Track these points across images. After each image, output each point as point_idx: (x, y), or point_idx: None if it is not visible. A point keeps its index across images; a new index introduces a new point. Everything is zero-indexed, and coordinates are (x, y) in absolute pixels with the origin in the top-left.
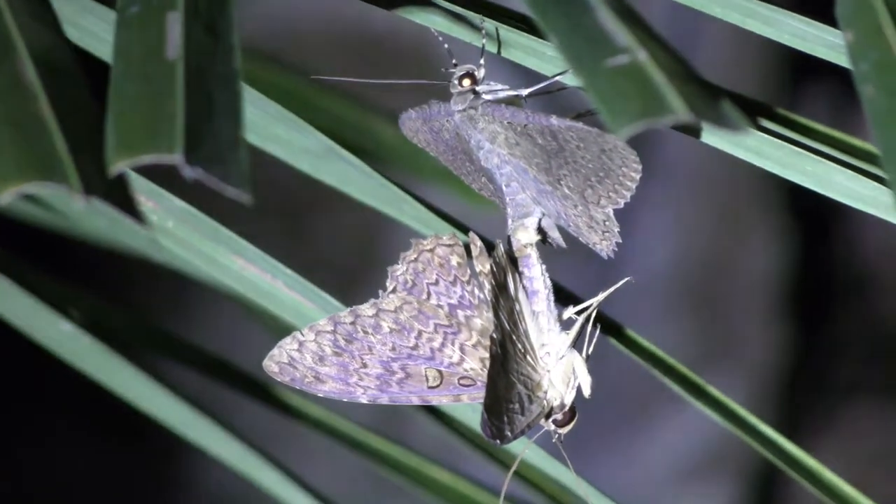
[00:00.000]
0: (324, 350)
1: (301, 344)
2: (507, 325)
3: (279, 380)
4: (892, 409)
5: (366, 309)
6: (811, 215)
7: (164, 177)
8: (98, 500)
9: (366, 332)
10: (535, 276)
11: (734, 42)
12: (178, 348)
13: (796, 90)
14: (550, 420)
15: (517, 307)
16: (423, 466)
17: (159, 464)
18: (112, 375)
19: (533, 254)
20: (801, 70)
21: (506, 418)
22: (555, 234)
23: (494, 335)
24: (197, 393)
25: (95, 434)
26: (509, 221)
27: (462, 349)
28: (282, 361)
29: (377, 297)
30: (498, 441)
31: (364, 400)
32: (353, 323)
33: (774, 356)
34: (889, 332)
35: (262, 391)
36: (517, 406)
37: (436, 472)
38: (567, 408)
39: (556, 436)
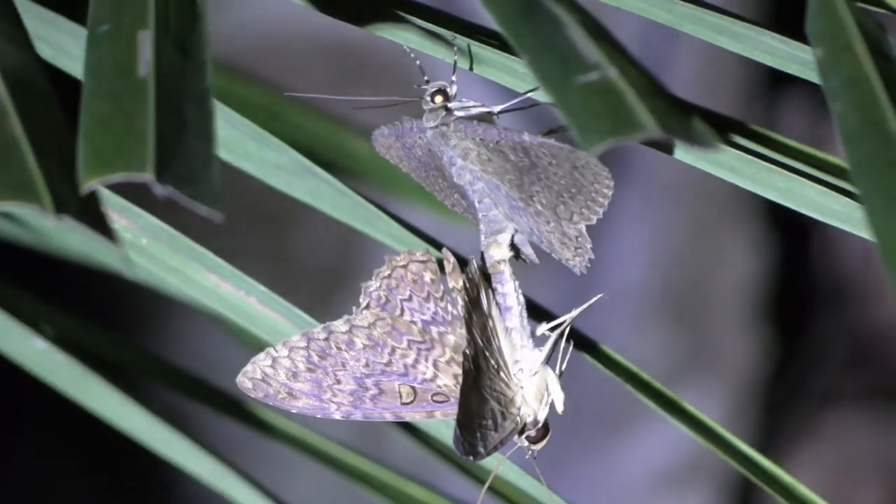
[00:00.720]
0: (297, 366)
1: (274, 360)
2: (480, 340)
3: (252, 396)
4: (870, 417)
5: (339, 325)
6: (789, 223)
7: (137, 194)
8: None
9: (339, 349)
10: (509, 293)
11: (708, 58)
12: (153, 365)
13: (771, 105)
14: (524, 436)
15: (490, 323)
16: (399, 483)
17: (136, 482)
18: (86, 393)
19: (506, 270)
20: (776, 85)
21: (479, 434)
22: (528, 251)
23: (467, 351)
24: (174, 409)
25: (72, 452)
26: (482, 238)
27: (435, 365)
28: (255, 377)
29: (352, 311)
30: (471, 457)
31: (338, 416)
32: (326, 339)
33: (753, 364)
34: (867, 340)
35: (239, 409)
36: (490, 422)
37: (412, 489)
38: (540, 424)
39: (530, 452)
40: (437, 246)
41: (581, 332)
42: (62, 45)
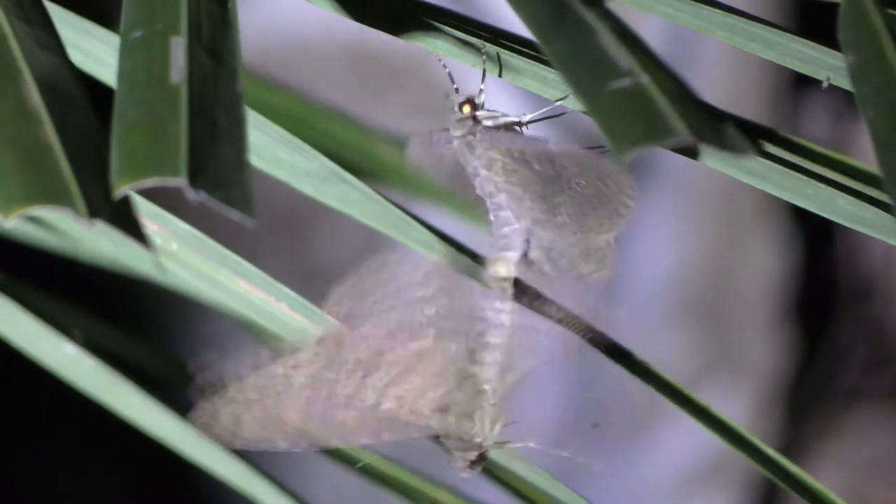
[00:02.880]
0: (240, 416)
1: (223, 402)
2: (468, 338)
3: (203, 437)
4: (894, 417)
5: (276, 368)
6: (813, 224)
7: (165, 199)
8: None
9: (277, 392)
10: (504, 310)
11: (730, 62)
12: (180, 370)
13: (793, 107)
14: (463, 453)
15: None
16: (423, 486)
17: (162, 485)
18: (116, 397)
19: (507, 289)
20: (798, 88)
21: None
22: (545, 268)
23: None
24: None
25: (98, 456)
26: (491, 252)
27: (378, 392)
28: (202, 421)
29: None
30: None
31: (283, 446)
32: (262, 386)
33: (777, 364)
34: (892, 339)
35: None
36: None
37: (437, 493)
38: (479, 453)
39: (460, 467)
40: (466, 252)
41: (606, 334)
42: (93, 51)
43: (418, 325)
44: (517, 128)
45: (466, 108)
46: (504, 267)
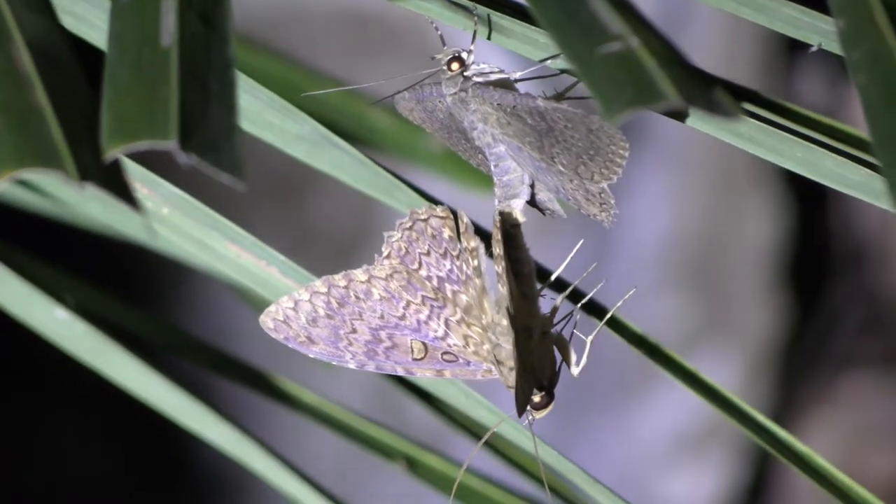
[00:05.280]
0: (317, 311)
1: (297, 302)
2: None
3: (273, 336)
4: (887, 382)
5: (359, 274)
6: (806, 188)
7: (156, 163)
8: (98, 483)
9: (357, 298)
10: (521, 259)
11: (725, 27)
12: (171, 335)
13: (786, 72)
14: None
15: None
16: (415, 451)
17: (153, 449)
18: (106, 362)
19: (518, 235)
20: (791, 52)
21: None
22: (555, 206)
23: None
24: (192, 378)
25: (90, 420)
26: (496, 202)
27: (447, 324)
28: (277, 318)
29: (373, 261)
30: (524, 409)
31: (352, 365)
32: (346, 287)
33: (769, 329)
34: (884, 305)
35: (256, 377)
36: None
37: (428, 458)
38: (545, 391)
39: (530, 418)
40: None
41: (594, 299)
42: (84, 14)
43: (466, 276)
44: (509, 84)
45: (455, 66)
46: (514, 213)
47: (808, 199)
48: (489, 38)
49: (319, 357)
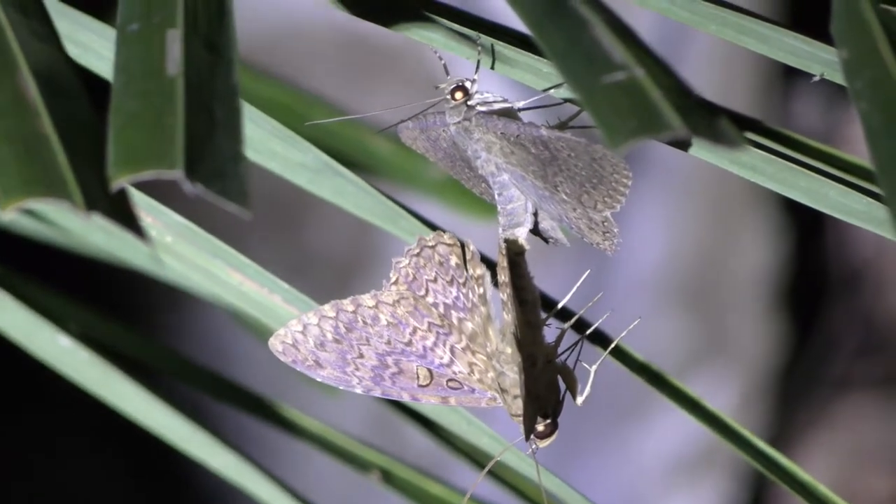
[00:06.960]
0: (325, 335)
1: (305, 326)
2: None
3: (282, 359)
4: (886, 404)
5: (366, 299)
6: (803, 212)
7: (158, 191)
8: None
9: (365, 323)
10: (525, 287)
11: (721, 55)
12: (173, 361)
13: (783, 99)
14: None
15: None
16: (416, 479)
17: (156, 476)
18: (110, 390)
19: (522, 264)
20: (788, 79)
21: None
22: (558, 235)
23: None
24: (194, 405)
25: (95, 449)
26: (500, 230)
27: (452, 351)
28: (286, 341)
29: (380, 287)
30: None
31: (359, 390)
32: (354, 311)
33: (767, 352)
34: (880, 329)
35: (257, 404)
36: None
37: (429, 486)
38: (549, 420)
39: (533, 447)
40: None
41: (592, 324)
42: (90, 44)
43: (472, 304)
44: (512, 113)
45: (459, 95)
46: (519, 241)
47: (804, 224)
48: (493, 68)
49: (327, 381)
